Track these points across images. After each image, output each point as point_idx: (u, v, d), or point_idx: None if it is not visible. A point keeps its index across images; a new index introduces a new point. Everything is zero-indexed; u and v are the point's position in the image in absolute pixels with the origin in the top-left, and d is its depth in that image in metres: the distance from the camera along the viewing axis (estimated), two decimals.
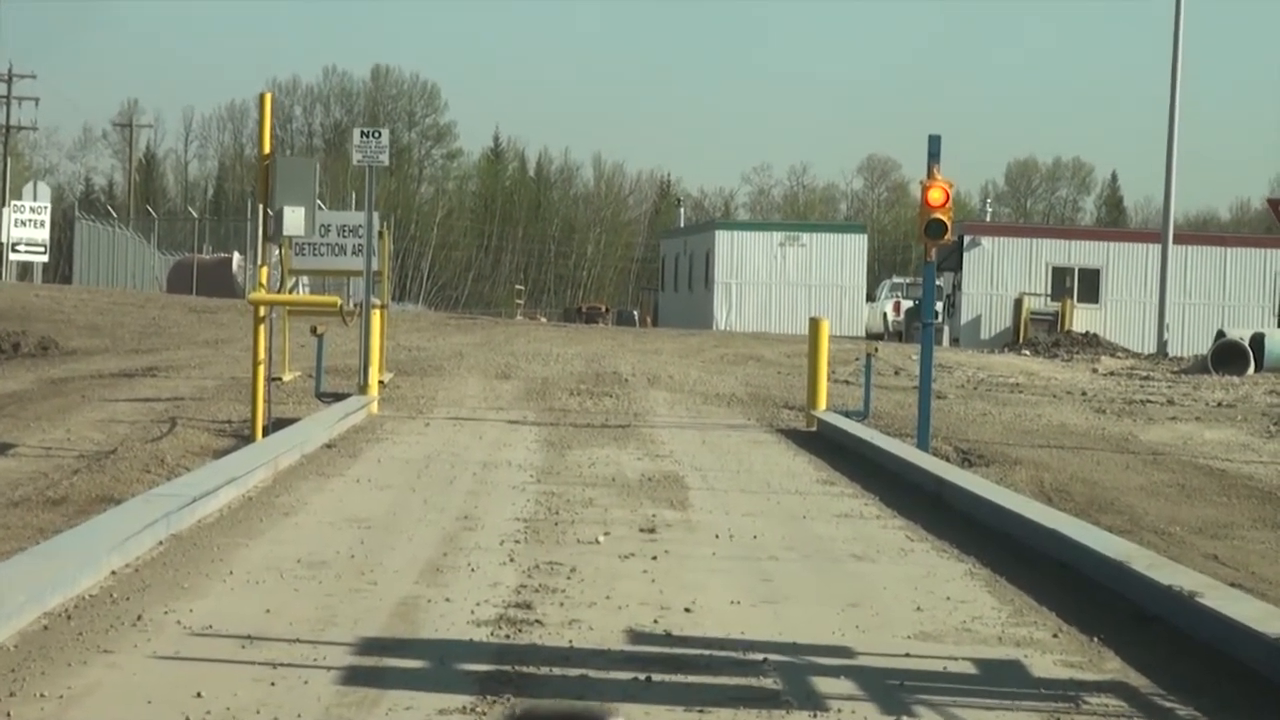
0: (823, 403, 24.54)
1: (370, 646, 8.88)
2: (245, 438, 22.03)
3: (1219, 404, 32.11)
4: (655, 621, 9.70)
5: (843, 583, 11.37)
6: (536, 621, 9.58)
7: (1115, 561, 10.89)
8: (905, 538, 13.50)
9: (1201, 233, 73.04)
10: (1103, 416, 28.87)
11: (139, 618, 9.31)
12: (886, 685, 8.45)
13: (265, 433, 22.00)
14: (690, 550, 12.38)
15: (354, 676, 8.27)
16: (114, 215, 78.28)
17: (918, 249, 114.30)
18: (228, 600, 9.99)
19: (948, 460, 22.29)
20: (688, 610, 10.05)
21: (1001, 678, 8.77)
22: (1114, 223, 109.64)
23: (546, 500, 14.95)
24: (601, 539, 12.64)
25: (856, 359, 38.26)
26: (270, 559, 11.36)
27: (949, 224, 22.80)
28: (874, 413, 25.36)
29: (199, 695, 7.81)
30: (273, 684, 8.07)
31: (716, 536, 13.06)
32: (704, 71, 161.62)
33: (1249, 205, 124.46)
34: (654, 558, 11.92)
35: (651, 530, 13.25)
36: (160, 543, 11.63)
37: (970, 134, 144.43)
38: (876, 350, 27.03)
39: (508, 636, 9.23)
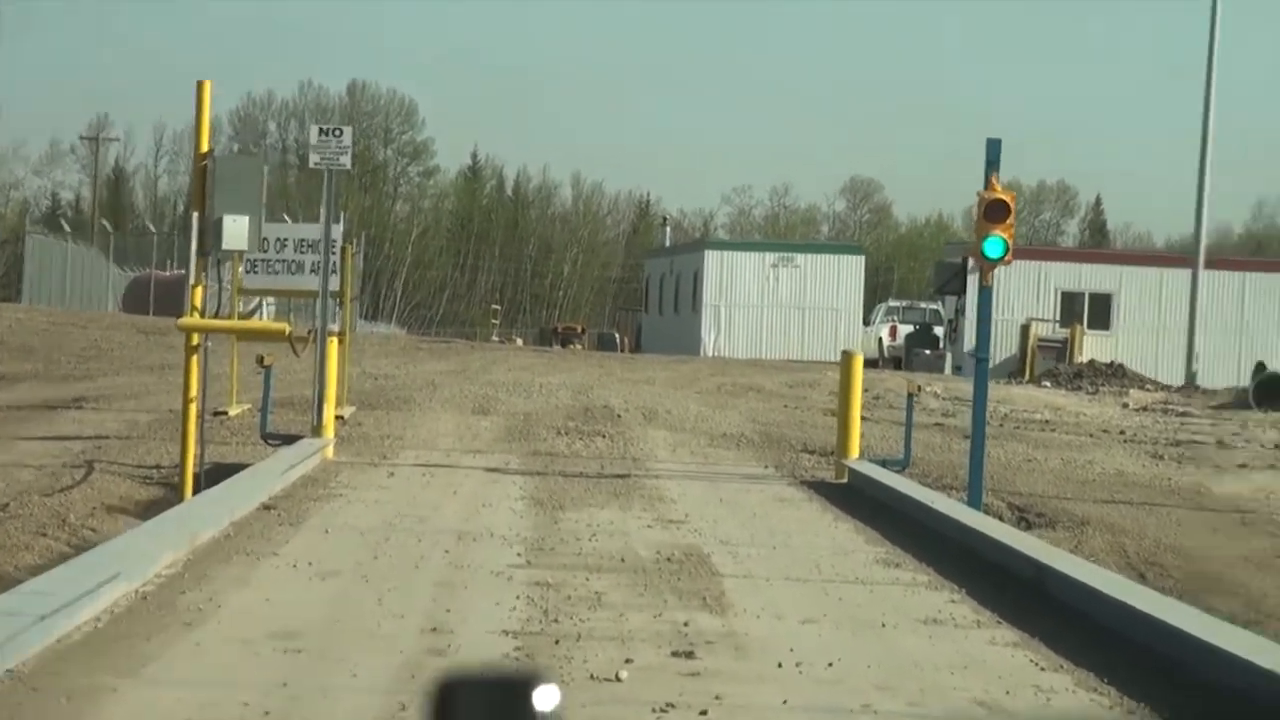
0: (855, 450, 20.97)
1: None
2: (174, 486, 18.60)
3: (1277, 446, 28.74)
4: None
5: None
6: None
7: None
8: (1032, 664, 9.85)
9: (1219, 256, 69.53)
10: (1162, 463, 25.39)
11: None
12: None
13: (197, 484, 18.49)
14: (749, 695, 8.71)
15: None
16: (68, 230, 74.23)
17: (900, 271, 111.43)
18: None
19: (1001, 519, 18.93)
20: None
21: None
22: (1097, 246, 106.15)
23: (540, 597, 11.34)
24: (623, 675, 9.00)
25: (866, 390, 34.71)
26: None
27: (1010, 241, 19.42)
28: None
29: None
30: None
31: (779, 665, 9.41)
32: (684, 91, 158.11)
33: (1229, 231, 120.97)
34: (703, 713, 8.27)
35: (689, 655, 9.60)
36: None
37: (954, 157, 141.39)
38: (920, 389, 23.47)
39: None
